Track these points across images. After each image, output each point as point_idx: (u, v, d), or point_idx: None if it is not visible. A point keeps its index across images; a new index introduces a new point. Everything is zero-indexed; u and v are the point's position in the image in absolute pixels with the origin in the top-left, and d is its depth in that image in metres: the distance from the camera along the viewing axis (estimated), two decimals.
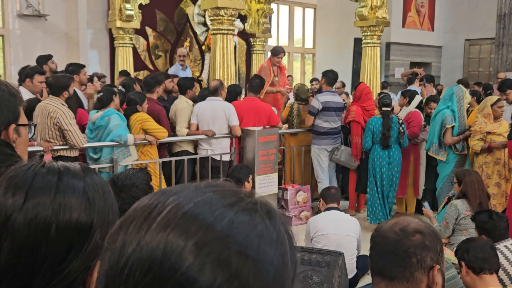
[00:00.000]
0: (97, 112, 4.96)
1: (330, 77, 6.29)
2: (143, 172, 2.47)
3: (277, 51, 7.29)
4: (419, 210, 6.29)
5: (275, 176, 5.82)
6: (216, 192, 0.67)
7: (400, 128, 6.00)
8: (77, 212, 0.90)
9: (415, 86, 8.89)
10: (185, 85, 5.89)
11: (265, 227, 0.65)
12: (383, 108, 6.04)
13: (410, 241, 1.51)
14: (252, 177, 4.82)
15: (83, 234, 0.90)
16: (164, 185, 5.25)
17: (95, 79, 6.25)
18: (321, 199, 4.35)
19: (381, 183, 5.91)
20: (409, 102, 6.44)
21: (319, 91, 6.93)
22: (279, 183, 6.52)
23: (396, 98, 8.61)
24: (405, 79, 9.46)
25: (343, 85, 8.84)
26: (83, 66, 5.96)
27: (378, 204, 5.86)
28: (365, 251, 4.22)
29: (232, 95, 6.07)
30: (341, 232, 4.05)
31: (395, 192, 5.93)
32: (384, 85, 9.51)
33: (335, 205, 4.27)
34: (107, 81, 7.89)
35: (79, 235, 0.90)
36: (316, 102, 6.13)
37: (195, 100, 5.96)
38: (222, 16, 6.24)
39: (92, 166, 4.82)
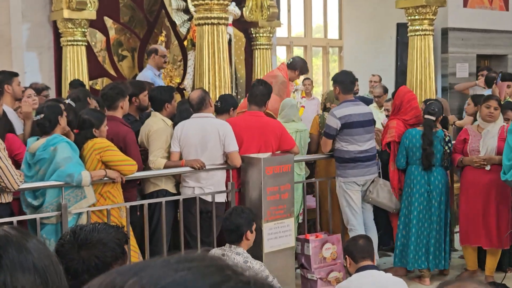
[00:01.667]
0: (38, 139, 4.96)
1: (345, 81, 6.32)
2: (116, 229, 2.50)
3: (297, 65, 7.34)
4: (501, 266, 6.34)
5: (290, 222, 5.79)
6: (192, 269, 0.67)
7: (446, 147, 6.19)
8: None
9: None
10: (161, 98, 5.90)
11: None
12: (426, 116, 6.16)
13: None
14: (257, 225, 4.81)
15: None
16: (133, 242, 5.23)
17: (29, 92, 6.27)
18: (347, 256, 4.32)
19: (417, 216, 6.11)
20: None
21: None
22: (298, 230, 6.48)
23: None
24: (466, 92, 9.52)
25: (385, 91, 8.81)
26: (15, 75, 5.99)
27: (411, 242, 6.15)
28: None
29: (222, 107, 6.08)
30: None
31: (441, 230, 6.17)
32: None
33: (368, 262, 4.22)
34: (51, 95, 7.94)
35: None
36: (332, 120, 6.16)
37: (175, 118, 5.98)
38: None
39: (32, 216, 4.83)
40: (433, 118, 6.20)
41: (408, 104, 6.45)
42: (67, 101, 5.68)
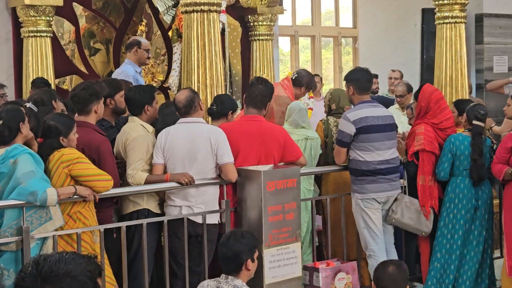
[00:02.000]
0: None
1: (360, 79, 6.34)
2: (88, 260, 2.48)
3: (304, 81, 7.39)
4: None
5: (296, 247, 5.78)
6: None
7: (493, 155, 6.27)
8: None
9: None
10: (139, 99, 5.91)
11: None
12: (475, 122, 6.17)
13: None
14: (258, 252, 4.80)
15: None
16: (108, 272, 5.22)
17: None
18: (374, 286, 4.34)
19: (461, 237, 6.14)
20: None
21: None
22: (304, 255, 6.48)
23: None
24: (500, 91, 9.52)
25: (409, 89, 8.82)
26: None
27: (452, 269, 6.20)
28: None
29: (219, 110, 6.07)
30: None
31: (484, 254, 6.22)
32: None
33: None
34: (10, 95, 7.93)
35: None
36: (346, 124, 6.16)
37: (158, 123, 5.98)
38: None
39: None
40: (482, 124, 6.22)
41: (437, 105, 6.47)
42: (28, 104, 5.67)
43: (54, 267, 2.36)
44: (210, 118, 6.28)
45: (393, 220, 6.33)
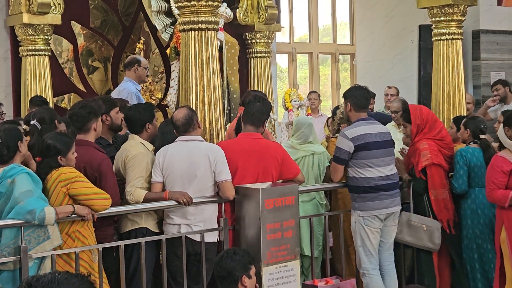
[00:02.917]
0: None
1: (358, 96, 6.36)
2: (81, 279, 2.46)
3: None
4: None
5: (295, 265, 5.76)
6: None
7: None
8: None
9: None
10: (140, 118, 5.91)
11: None
12: (482, 137, 6.33)
13: None
14: (256, 269, 4.78)
15: None
16: None
17: None
18: None
19: (485, 248, 6.25)
20: None
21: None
22: (304, 273, 6.46)
23: None
24: (487, 117, 9.54)
25: (404, 105, 8.82)
26: None
27: (479, 280, 6.33)
28: None
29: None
30: None
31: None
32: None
33: None
34: (9, 113, 7.93)
35: None
36: (344, 141, 6.18)
37: (157, 141, 5.97)
38: (198, 0, 6.31)
39: None
40: (486, 137, 6.25)
41: (434, 122, 6.56)
42: (33, 122, 5.69)
43: (46, 287, 2.36)
44: (209, 136, 6.27)
45: (399, 239, 6.45)
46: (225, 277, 4.53)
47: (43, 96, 7.76)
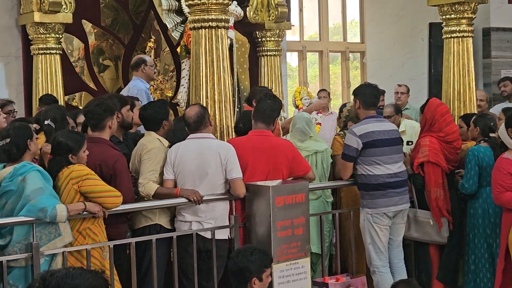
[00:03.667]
0: (4, 167, 4.97)
1: (367, 94, 6.36)
2: (95, 275, 2.49)
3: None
4: None
5: (306, 263, 5.77)
6: None
7: None
8: None
9: None
10: (157, 116, 5.92)
11: None
12: (492, 135, 6.30)
13: None
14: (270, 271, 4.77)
15: None
16: None
17: None
18: None
19: (495, 247, 6.23)
20: None
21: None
22: (313, 269, 6.46)
23: None
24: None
25: (397, 110, 8.57)
26: None
27: (488, 279, 6.34)
28: None
29: (247, 128, 6.15)
30: None
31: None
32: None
33: None
34: (20, 112, 7.95)
35: None
36: (352, 138, 6.17)
37: (167, 138, 5.99)
38: None
39: None
40: (496, 135, 6.23)
41: (442, 118, 6.49)
42: (47, 122, 5.71)
43: (61, 282, 2.39)
44: (219, 134, 6.28)
45: (413, 237, 6.52)
46: (237, 274, 4.54)
47: (53, 95, 7.76)
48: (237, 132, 6.29)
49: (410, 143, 7.33)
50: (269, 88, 8.90)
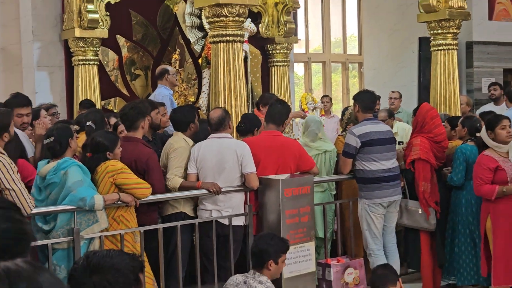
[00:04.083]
0: (48, 163, 4.99)
1: (365, 99, 6.35)
2: (132, 257, 2.52)
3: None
4: None
5: (311, 246, 5.78)
6: None
7: None
8: None
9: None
10: (185, 119, 5.94)
11: None
12: (478, 134, 6.23)
13: None
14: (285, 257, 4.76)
15: None
16: (147, 268, 5.21)
17: (43, 112, 6.32)
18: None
19: (477, 234, 6.21)
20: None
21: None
22: (317, 251, 6.46)
23: None
24: None
25: (390, 115, 8.50)
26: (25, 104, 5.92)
27: (470, 260, 6.31)
28: None
29: (247, 128, 6.12)
30: None
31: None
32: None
33: None
34: (63, 114, 7.99)
35: None
36: (352, 138, 6.16)
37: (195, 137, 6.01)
38: (226, 16, 6.33)
39: (43, 242, 4.84)
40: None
41: (432, 121, 6.46)
42: (89, 123, 5.76)
43: (101, 261, 2.41)
44: (235, 134, 6.29)
45: (404, 224, 6.51)
46: (256, 255, 4.55)
47: (91, 100, 7.79)
48: (239, 131, 6.26)
49: (401, 143, 7.32)
50: (279, 94, 8.93)
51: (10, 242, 1.16)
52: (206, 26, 8.17)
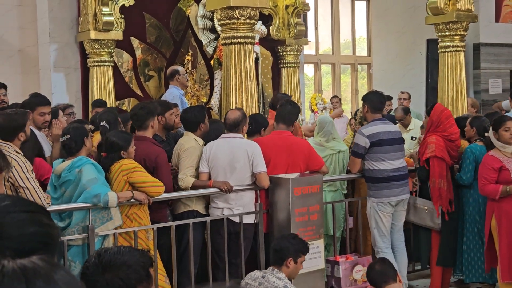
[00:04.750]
0: (63, 161, 5.00)
1: (374, 100, 6.32)
2: (142, 253, 2.53)
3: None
4: None
5: (320, 244, 5.77)
6: None
7: None
8: None
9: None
10: (195, 119, 5.93)
11: None
12: (487, 134, 6.19)
13: None
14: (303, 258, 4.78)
15: None
16: (159, 265, 5.23)
17: (60, 113, 6.34)
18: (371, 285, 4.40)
19: (484, 232, 6.13)
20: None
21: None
22: (327, 249, 6.45)
23: None
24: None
25: (406, 112, 8.56)
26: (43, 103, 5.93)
27: (478, 258, 6.30)
28: None
29: (254, 128, 6.12)
30: None
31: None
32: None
33: (391, 285, 4.35)
34: (79, 114, 8.02)
35: None
36: (361, 138, 6.14)
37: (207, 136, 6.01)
38: (237, 18, 6.34)
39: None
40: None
41: (447, 120, 6.44)
42: (103, 123, 5.77)
43: (113, 258, 2.43)
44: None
45: (412, 221, 6.48)
46: (277, 252, 4.62)
47: (104, 100, 7.80)
48: (247, 132, 6.27)
49: (413, 138, 7.30)
50: (289, 95, 8.92)
51: (37, 246, 1.16)
52: (218, 28, 8.17)
